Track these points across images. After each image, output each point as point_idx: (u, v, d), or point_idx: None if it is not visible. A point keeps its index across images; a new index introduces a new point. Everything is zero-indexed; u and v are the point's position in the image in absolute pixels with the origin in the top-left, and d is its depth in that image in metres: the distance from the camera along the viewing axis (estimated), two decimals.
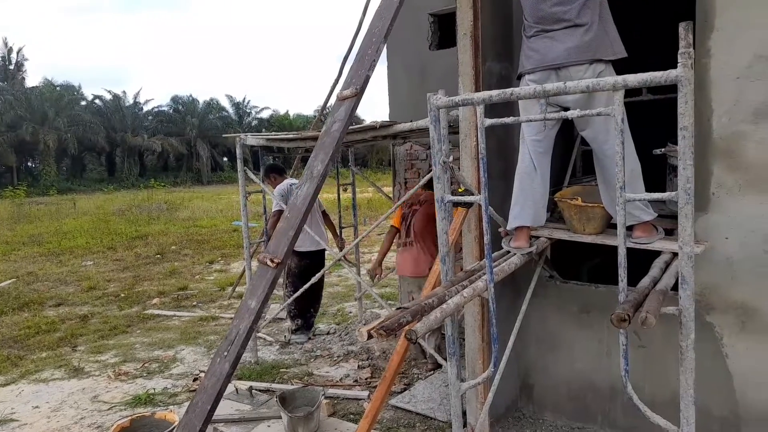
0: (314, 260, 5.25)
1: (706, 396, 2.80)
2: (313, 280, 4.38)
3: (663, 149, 2.98)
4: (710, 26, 2.61)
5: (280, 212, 5.01)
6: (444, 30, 5.16)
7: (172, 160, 42.98)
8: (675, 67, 1.56)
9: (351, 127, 3.94)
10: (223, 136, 5.88)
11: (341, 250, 5.39)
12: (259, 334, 5.52)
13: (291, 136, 4.59)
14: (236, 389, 4.09)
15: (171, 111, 45.02)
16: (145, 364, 4.97)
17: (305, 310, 5.45)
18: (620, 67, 2.47)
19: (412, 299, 4.13)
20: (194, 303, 7.25)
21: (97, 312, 6.93)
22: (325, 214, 5.75)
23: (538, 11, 2.62)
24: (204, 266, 9.82)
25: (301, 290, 4.53)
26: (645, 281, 2.13)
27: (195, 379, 4.55)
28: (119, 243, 12.49)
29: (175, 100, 45.37)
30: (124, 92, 44.36)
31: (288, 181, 5.39)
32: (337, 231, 6.01)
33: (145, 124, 43.20)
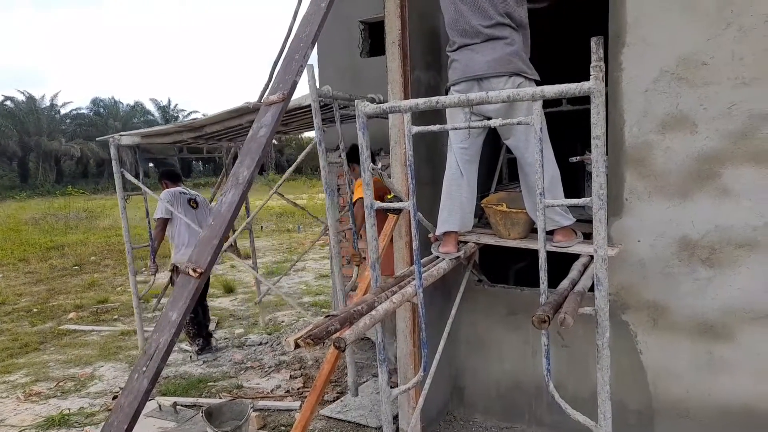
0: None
1: (622, 391, 2.96)
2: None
3: (579, 157, 3.13)
4: (622, 42, 2.78)
5: (164, 220, 4.99)
6: (375, 38, 5.20)
7: (92, 166, 40.65)
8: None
9: (225, 111, 3.82)
10: (97, 139, 5.64)
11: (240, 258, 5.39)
12: (186, 347, 5.32)
13: (165, 128, 4.46)
14: (159, 406, 3.90)
15: (91, 114, 42.63)
16: (60, 383, 4.65)
17: (203, 327, 5.31)
18: (543, 80, 2.57)
19: None
20: (115, 316, 6.87)
21: (6, 329, 6.43)
22: None
23: (458, 25, 2.70)
24: (126, 277, 9.30)
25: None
26: (564, 283, 2.21)
27: (114, 397, 4.30)
28: (32, 254, 11.65)
29: (95, 102, 43.04)
30: (43, 96, 41.39)
31: (178, 189, 5.27)
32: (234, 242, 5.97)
33: (63, 128, 40.65)
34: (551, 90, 1.68)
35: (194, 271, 2.00)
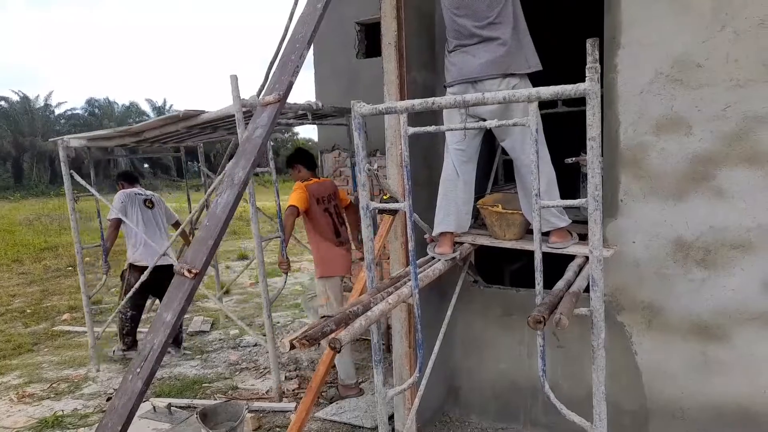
0: (157, 276, 4.65)
1: (617, 392, 2.97)
2: (132, 291, 4.70)
3: (574, 158, 3.13)
4: (617, 43, 2.79)
5: (117, 221, 5.07)
6: (371, 39, 5.20)
7: (86, 167, 40.48)
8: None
9: (158, 119, 3.95)
10: (50, 140, 5.72)
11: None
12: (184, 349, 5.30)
13: (108, 133, 4.59)
14: (154, 407, 3.88)
15: (86, 114, 42.43)
16: (53, 385, 4.62)
17: (136, 329, 5.31)
18: (540, 81, 2.57)
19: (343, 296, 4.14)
20: (110, 318, 6.82)
21: None
22: (177, 224, 5.73)
23: (454, 27, 2.70)
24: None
25: (125, 302, 4.96)
26: (560, 284, 2.22)
27: (108, 399, 4.28)
28: (26, 255, 11.58)
29: (90, 102, 42.85)
30: (37, 96, 41.14)
31: (134, 189, 5.33)
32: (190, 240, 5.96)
33: (58, 128, 40.40)
34: (547, 91, 1.69)
35: (189, 271, 1.99)
